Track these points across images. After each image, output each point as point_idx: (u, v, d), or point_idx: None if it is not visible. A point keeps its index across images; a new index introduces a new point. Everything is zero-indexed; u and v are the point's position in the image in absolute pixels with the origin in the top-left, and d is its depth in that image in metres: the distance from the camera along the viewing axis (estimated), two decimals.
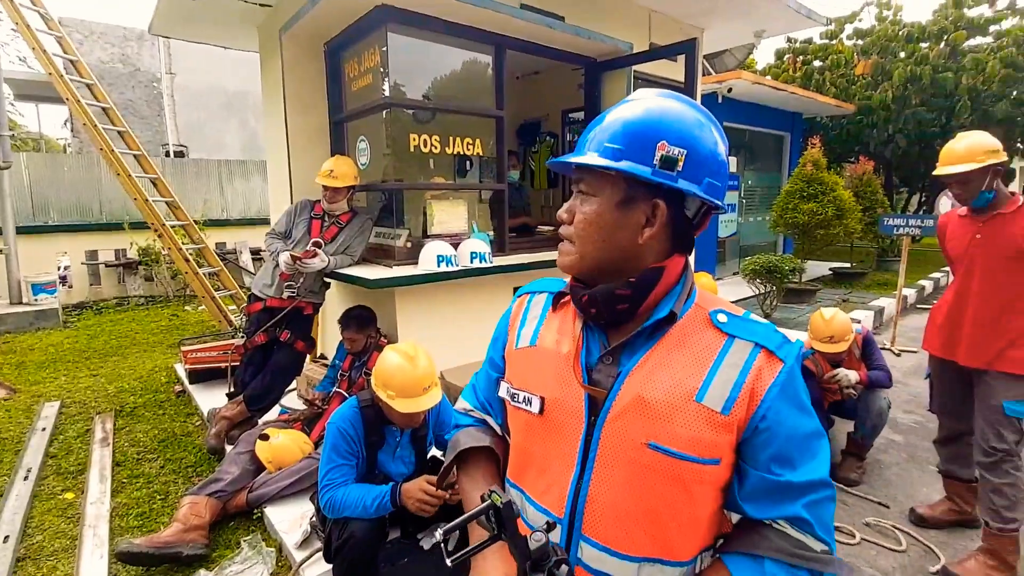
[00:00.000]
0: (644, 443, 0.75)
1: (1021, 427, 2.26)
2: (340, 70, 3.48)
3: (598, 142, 0.78)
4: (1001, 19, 10.41)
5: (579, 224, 0.81)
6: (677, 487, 0.76)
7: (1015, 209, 2.24)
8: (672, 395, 0.75)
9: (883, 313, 6.59)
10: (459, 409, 1.07)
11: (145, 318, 6.65)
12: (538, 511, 0.86)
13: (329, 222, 3.18)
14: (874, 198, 9.05)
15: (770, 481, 0.74)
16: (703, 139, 0.76)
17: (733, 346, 0.76)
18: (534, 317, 0.94)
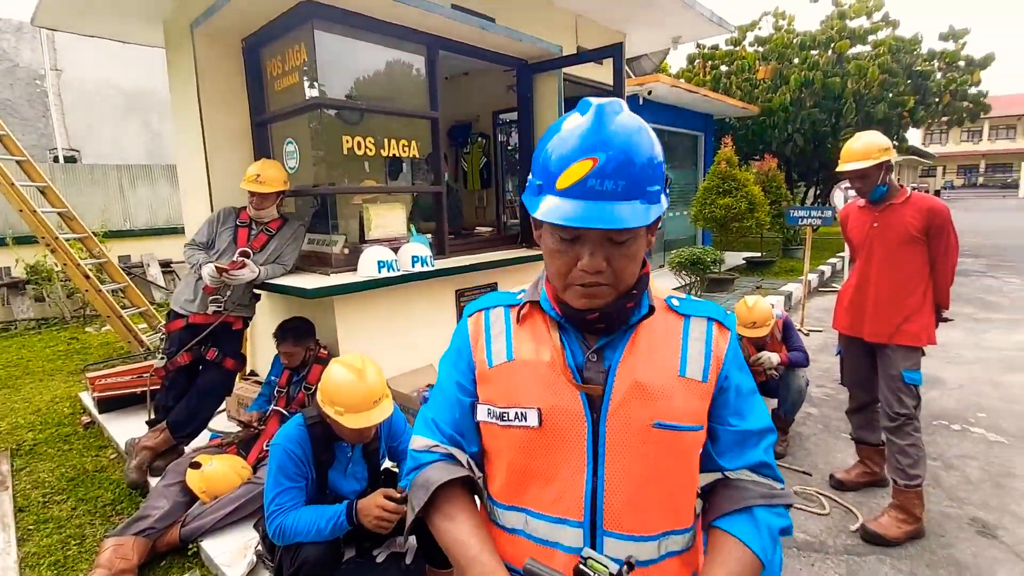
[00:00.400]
0: (650, 424, 0.81)
1: (918, 393, 2.55)
2: (261, 68, 3.28)
3: (627, 189, 0.73)
4: (877, 30, 11.70)
5: (621, 269, 0.79)
6: (681, 458, 0.85)
7: (904, 200, 2.52)
8: (662, 375, 0.83)
9: (792, 297, 7.19)
10: (418, 448, 0.94)
11: (38, 343, 5.93)
12: (551, 523, 0.85)
13: (257, 230, 2.99)
14: (779, 192, 9.85)
15: (734, 432, 0.87)
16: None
17: (691, 323, 0.88)
18: (499, 333, 0.91)
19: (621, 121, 0.75)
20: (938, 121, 12.92)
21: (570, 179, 0.74)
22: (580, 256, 0.78)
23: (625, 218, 0.73)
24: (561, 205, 0.74)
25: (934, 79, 11.74)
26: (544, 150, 0.78)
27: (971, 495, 2.84)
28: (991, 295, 7.63)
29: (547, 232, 0.81)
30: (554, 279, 0.83)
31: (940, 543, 2.47)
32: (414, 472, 0.92)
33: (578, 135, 0.74)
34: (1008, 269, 9.66)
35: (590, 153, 0.73)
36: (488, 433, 0.91)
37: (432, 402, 0.97)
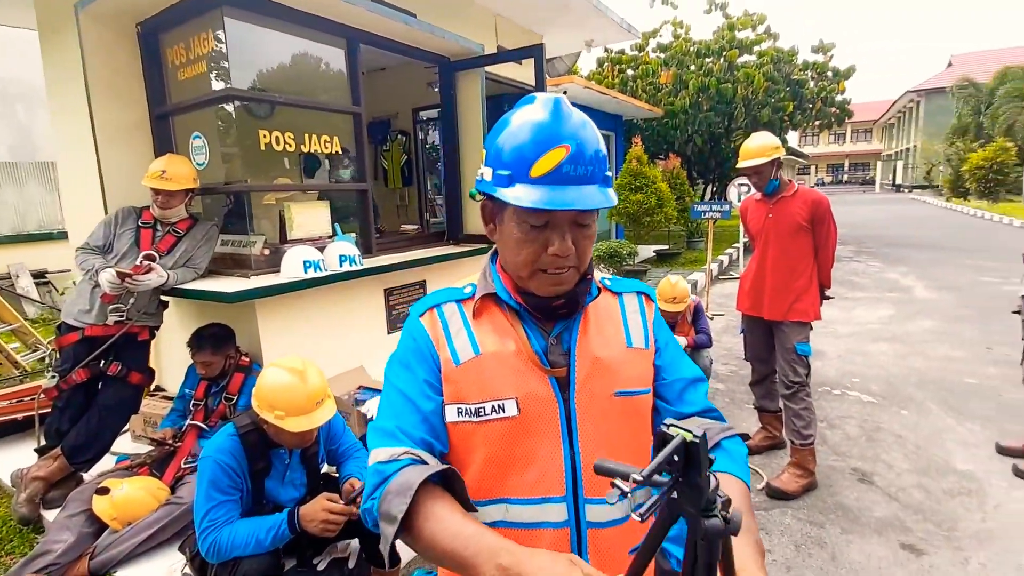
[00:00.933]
0: (611, 393, 0.89)
1: (808, 363, 2.91)
2: (161, 56, 3.01)
3: (594, 173, 0.79)
4: (761, 41, 12.94)
5: (584, 251, 0.84)
6: (639, 419, 0.93)
7: (792, 193, 2.86)
8: (614, 349, 0.91)
9: (697, 285, 7.81)
10: (383, 459, 0.82)
11: None
12: (535, 504, 0.87)
13: (164, 231, 2.75)
14: (683, 189, 10.63)
15: (679, 382, 0.96)
16: None
17: (625, 299, 0.97)
18: (458, 329, 0.90)
19: (576, 113, 0.81)
20: (811, 125, 14.56)
21: (546, 166, 0.77)
22: (550, 242, 0.81)
23: (596, 199, 0.78)
24: (540, 192, 0.77)
25: (808, 87, 13.23)
26: (506, 142, 0.81)
27: (851, 449, 3.29)
28: (857, 277, 8.77)
29: (514, 222, 0.82)
30: (520, 268, 0.85)
31: (829, 492, 2.84)
32: (383, 485, 0.79)
33: (545, 126, 0.78)
34: (870, 254, 11.13)
35: (562, 141, 0.77)
36: (458, 433, 0.88)
37: (389, 411, 0.88)
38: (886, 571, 2.25)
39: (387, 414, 0.88)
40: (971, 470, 3.00)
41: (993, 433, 3.37)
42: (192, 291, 2.68)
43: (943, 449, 3.24)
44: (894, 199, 30.16)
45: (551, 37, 5.18)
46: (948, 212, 20.73)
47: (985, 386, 4.18)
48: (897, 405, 3.90)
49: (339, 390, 2.99)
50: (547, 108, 0.80)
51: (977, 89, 24.72)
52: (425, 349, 0.90)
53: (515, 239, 0.83)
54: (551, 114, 0.79)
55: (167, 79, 3.06)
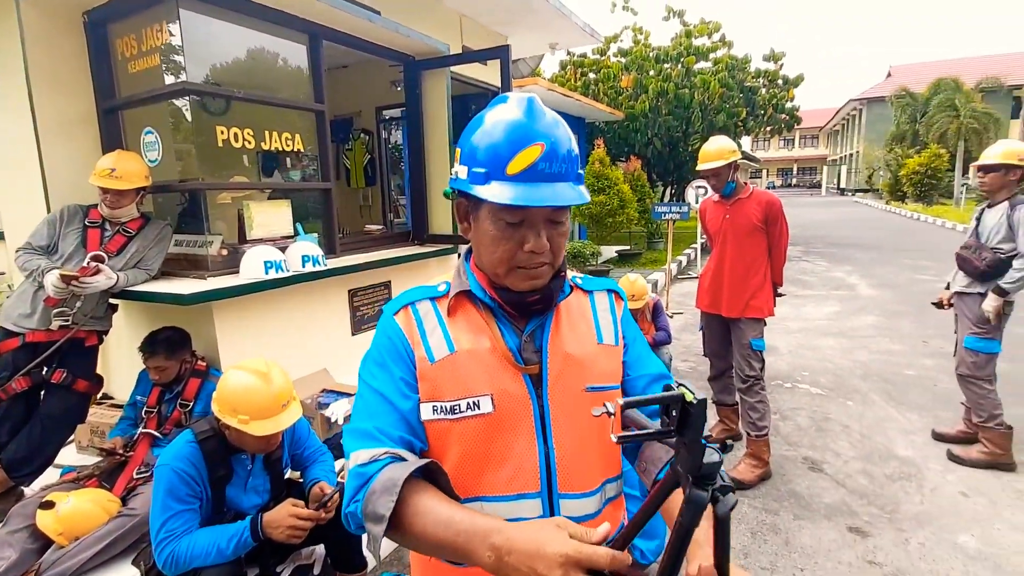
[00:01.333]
0: (583, 389, 0.92)
1: (763, 357, 3.05)
2: (109, 47, 2.87)
3: (567, 171, 0.81)
4: (716, 48, 13.39)
5: (558, 247, 0.86)
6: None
7: (748, 195, 3.00)
8: (585, 345, 0.94)
9: (657, 284, 8.02)
10: (363, 461, 0.82)
11: None
12: (510, 501, 0.88)
13: (113, 231, 2.62)
14: (644, 190, 10.88)
15: (644, 377, 0.98)
16: None
17: (596, 297, 1.00)
18: (433, 327, 0.91)
19: (549, 112, 0.83)
20: (763, 130, 15.18)
21: (522, 164, 0.78)
22: (525, 239, 0.82)
23: (571, 196, 0.80)
24: (516, 189, 0.78)
25: (760, 94, 13.78)
26: (481, 141, 0.82)
27: (802, 439, 3.46)
28: (806, 276, 9.21)
29: (490, 219, 0.84)
30: (496, 265, 0.86)
31: (783, 480, 2.99)
32: (367, 486, 0.79)
33: (520, 124, 0.80)
34: (817, 254, 11.71)
35: (537, 139, 0.79)
36: (434, 430, 0.89)
37: (366, 411, 0.88)
38: (835, 554, 2.39)
39: (364, 415, 0.88)
40: (910, 456, 3.21)
41: (929, 421, 3.62)
42: (145, 293, 2.57)
43: (885, 437, 3.45)
44: (839, 202, 31.79)
45: (516, 39, 5.22)
46: (888, 214, 22.03)
47: (922, 377, 4.48)
48: (844, 396, 4.12)
49: (302, 394, 2.93)
50: (521, 107, 0.81)
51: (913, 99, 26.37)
52: (401, 347, 0.90)
53: (491, 236, 0.85)
54: (525, 113, 0.81)
55: (116, 71, 2.91)
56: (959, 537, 2.46)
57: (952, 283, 3.20)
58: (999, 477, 2.93)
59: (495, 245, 0.85)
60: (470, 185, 0.83)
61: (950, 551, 2.38)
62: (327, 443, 2.47)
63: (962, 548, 2.39)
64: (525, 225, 0.83)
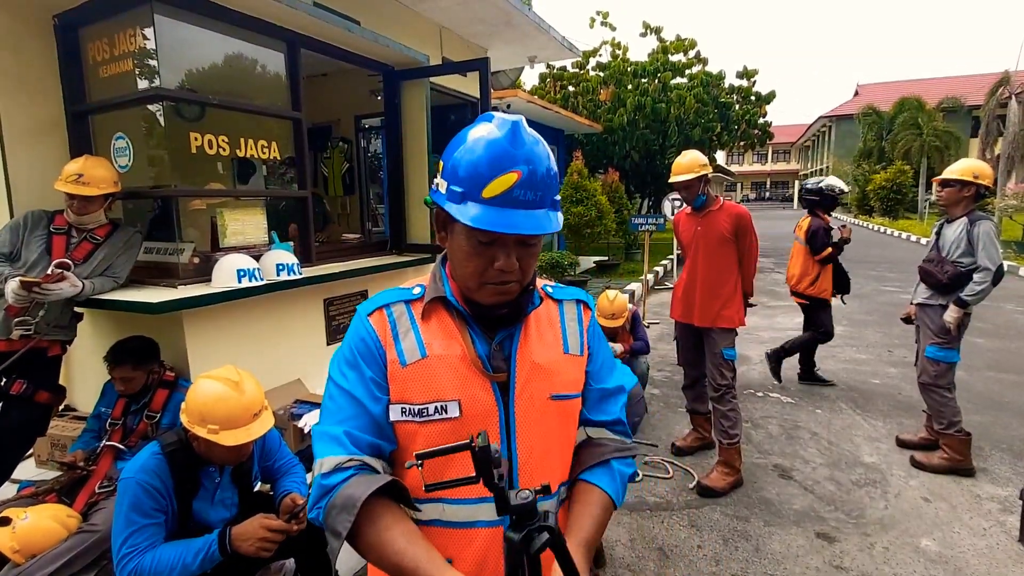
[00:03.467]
0: (547, 397, 0.95)
1: (734, 367, 3.12)
2: (80, 50, 2.81)
3: (543, 198, 0.83)
4: (691, 65, 13.74)
5: (528, 267, 0.88)
6: (570, 420, 1.00)
7: (719, 207, 3.08)
8: (551, 354, 0.96)
9: (634, 295, 8.12)
10: (328, 470, 0.85)
11: None
12: (471, 504, 0.91)
13: (79, 238, 2.55)
14: (622, 202, 11.05)
15: (599, 390, 1.02)
16: None
17: (565, 306, 1.02)
18: (406, 330, 0.92)
19: (531, 137, 0.83)
20: (737, 145, 15.60)
21: (498, 189, 0.80)
22: (495, 258, 0.84)
23: (542, 224, 0.82)
24: (489, 213, 0.80)
25: (734, 109, 14.18)
26: (462, 159, 0.84)
27: (772, 447, 3.53)
28: (777, 287, 9.44)
29: (463, 237, 0.85)
30: (467, 279, 0.88)
31: (754, 488, 3.04)
32: (327, 497, 0.82)
33: (502, 149, 0.81)
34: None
35: (515, 167, 0.80)
36: (400, 431, 0.91)
37: (336, 413, 0.89)
38: (803, 559, 2.44)
39: (333, 417, 0.89)
40: (875, 462, 3.30)
41: (894, 427, 3.74)
42: (112, 302, 2.50)
43: (852, 444, 3.55)
44: None
45: (495, 51, 5.28)
46: (856, 228, 22.74)
47: (887, 385, 4.62)
48: (812, 405, 4.23)
49: (275, 404, 2.88)
50: (504, 130, 0.82)
51: (879, 117, 27.41)
52: (374, 348, 0.91)
53: (464, 252, 0.87)
54: (507, 137, 0.81)
55: (87, 76, 2.86)
56: (921, 541, 2.54)
57: (914, 295, 3.32)
58: (958, 482, 3.04)
59: (467, 261, 0.87)
60: (447, 201, 0.84)
61: (912, 555, 2.45)
62: (299, 455, 2.43)
63: (924, 552, 2.47)
64: (497, 245, 0.84)
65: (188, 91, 2.84)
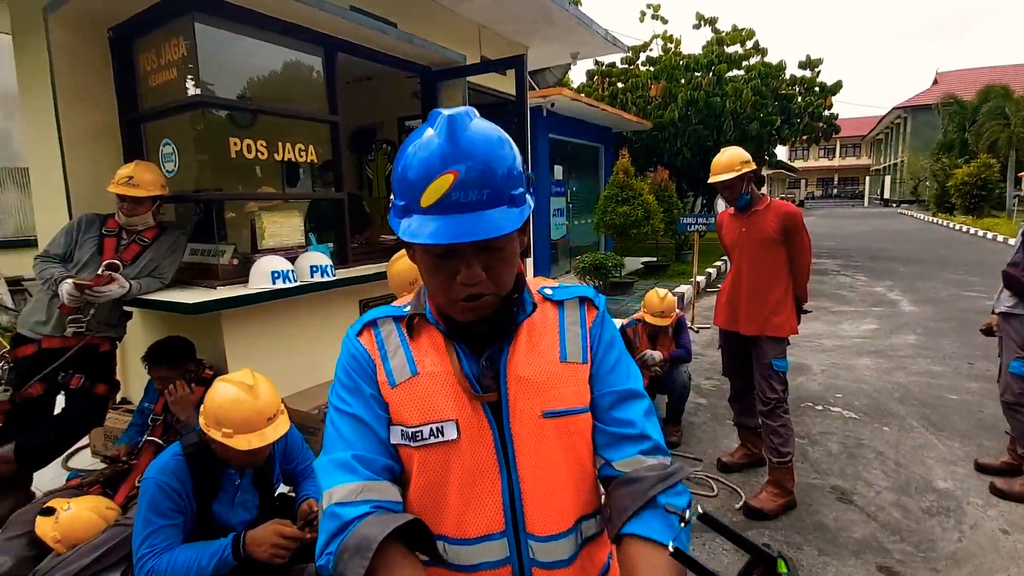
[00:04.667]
0: (539, 415, 0.83)
1: (785, 379, 2.87)
2: (133, 61, 2.96)
3: (491, 197, 0.71)
4: (749, 56, 13.10)
5: (499, 275, 0.77)
6: (577, 440, 0.86)
7: (765, 206, 2.84)
8: (544, 365, 0.85)
9: (683, 298, 7.79)
10: (341, 500, 0.77)
11: None
12: (472, 545, 0.82)
13: (129, 239, 2.67)
14: (671, 201, 10.66)
15: (608, 395, 0.87)
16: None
17: (565, 309, 0.90)
18: (395, 347, 0.86)
19: (475, 129, 0.73)
20: (799, 139, 14.72)
21: (433, 196, 0.71)
22: (457, 270, 0.75)
23: (494, 226, 0.72)
24: (428, 223, 0.71)
25: (796, 102, 13.39)
26: (399, 169, 0.76)
27: (832, 467, 3.24)
28: (844, 291, 8.80)
29: (420, 252, 0.78)
30: (436, 296, 0.80)
31: (808, 511, 2.79)
32: (342, 535, 0.73)
33: (433, 149, 0.71)
34: (857, 268, 11.20)
35: (449, 167, 0.70)
36: (402, 456, 0.84)
37: (340, 440, 0.82)
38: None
39: (339, 444, 0.82)
40: (949, 488, 2.96)
41: (972, 450, 3.34)
42: (154, 301, 2.60)
43: (923, 466, 3.20)
44: (882, 213, 30.55)
45: (536, 49, 5.18)
46: (934, 227, 21.01)
47: (966, 402, 4.16)
48: (879, 421, 3.86)
49: (309, 404, 2.91)
50: (438, 128, 0.72)
51: (961, 106, 25.17)
52: (368, 367, 0.86)
53: (424, 268, 0.79)
54: (440, 134, 0.71)
55: (139, 85, 3.00)
56: None
57: (997, 303, 2.96)
58: None
59: (429, 277, 0.79)
60: (392, 218, 0.77)
61: None
62: None
63: None
64: (455, 256, 0.75)
65: (227, 98, 2.92)
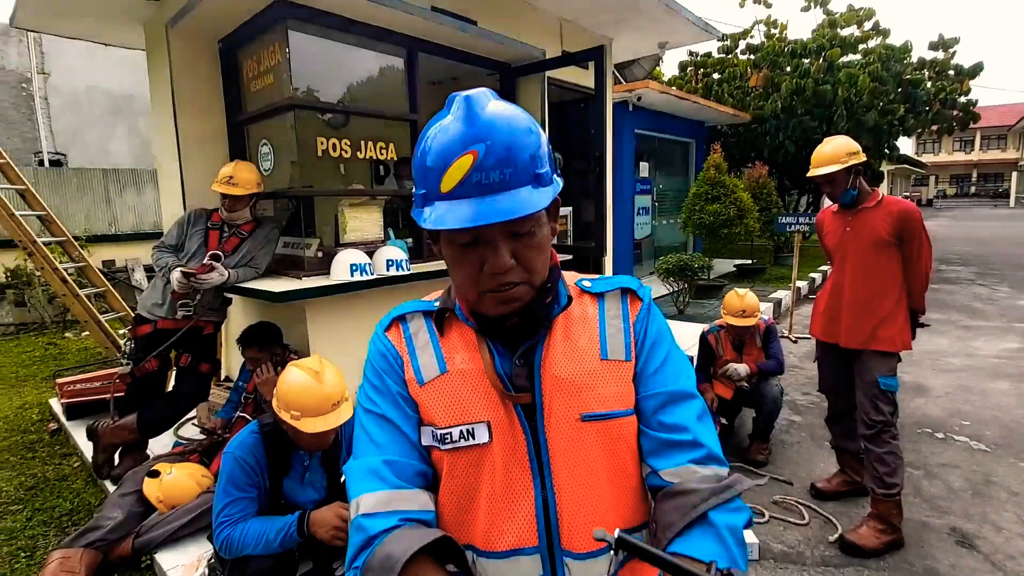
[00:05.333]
0: (577, 418, 0.77)
1: (895, 399, 2.51)
2: (238, 69, 3.24)
3: (513, 176, 0.67)
4: (868, 38, 11.77)
5: (531, 261, 0.73)
6: (623, 448, 0.79)
7: (876, 204, 2.49)
8: (583, 364, 0.78)
9: (781, 304, 7.17)
10: (368, 510, 0.73)
11: (14, 349, 5.83)
12: (501, 559, 0.76)
13: (230, 232, 2.93)
14: (769, 199, 9.87)
15: (656, 397, 0.79)
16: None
17: (606, 302, 0.83)
18: (424, 344, 0.82)
19: (494, 109, 0.69)
20: (928, 130, 12.99)
21: (453, 179, 0.67)
22: (485, 258, 0.71)
23: (519, 206, 0.67)
24: (451, 209, 0.68)
25: (924, 88, 11.81)
26: (418, 156, 0.72)
27: (952, 504, 2.79)
28: (980, 303, 7.62)
29: (445, 242, 0.74)
30: (465, 291, 0.76)
31: (919, 553, 2.42)
32: (368, 550, 0.70)
33: (452, 132, 0.68)
34: (997, 277, 9.67)
35: (469, 147, 0.67)
36: (432, 459, 0.80)
37: (370, 444, 0.78)
38: None
39: (369, 448, 0.79)
40: None
41: None
42: (248, 289, 2.82)
43: None
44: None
45: (621, 40, 4.99)
46: None
47: None
48: (1015, 455, 3.28)
49: None
50: (456, 110, 0.69)
51: None
52: (396, 364, 0.82)
53: (450, 259, 0.75)
54: (458, 116, 0.68)
55: (243, 90, 3.28)
56: None
57: None
58: None
59: (456, 269, 0.75)
60: (414, 209, 0.74)
61: None
62: None
63: None
64: (481, 244, 0.71)
65: (317, 100, 3.10)
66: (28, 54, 8.95)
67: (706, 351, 3.46)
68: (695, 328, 4.69)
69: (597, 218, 3.65)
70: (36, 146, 9.03)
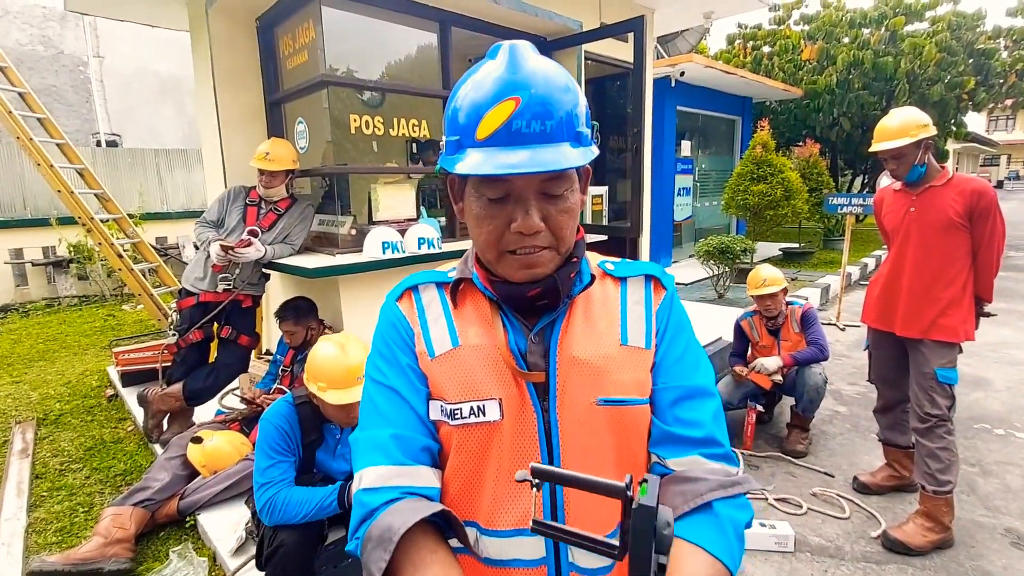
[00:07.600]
0: (593, 402, 0.74)
1: (952, 393, 2.35)
2: (274, 47, 3.27)
3: (555, 130, 0.65)
4: (936, 5, 10.88)
5: (560, 227, 0.70)
6: (630, 434, 0.77)
7: (945, 182, 2.30)
8: (603, 347, 0.76)
9: (829, 290, 6.84)
10: (370, 484, 0.71)
11: (77, 319, 6.22)
12: (504, 537, 0.75)
13: (267, 209, 3.00)
14: (820, 179, 9.36)
15: (671, 390, 0.77)
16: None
17: (629, 286, 0.80)
18: (436, 316, 0.79)
19: (538, 60, 0.67)
20: (1002, 105, 11.99)
21: (492, 125, 0.64)
22: (513, 217, 0.68)
23: (561, 159, 0.64)
24: (488, 156, 0.64)
25: (998, 58, 10.85)
26: (456, 102, 0.69)
27: (1009, 504, 2.62)
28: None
29: (472, 196, 0.71)
30: (486, 250, 0.73)
31: (969, 554, 2.28)
32: (365, 524, 0.68)
33: (494, 78, 0.65)
34: None
35: (511, 93, 0.64)
36: (440, 435, 0.78)
37: (377, 416, 0.76)
38: None
39: (375, 420, 0.77)
40: None
41: None
42: (283, 265, 2.89)
43: None
44: None
45: (664, 11, 4.76)
46: None
47: None
48: None
49: None
50: (500, 58, 0.67)
51: None
52: (406, 335, 0.80)
53: (475, 215, 0.71)
54: (503, 64, 0.66)
55: (279, 68, 3.31)
56: None
57: None
58: None
59: (480, 226, 0.71)
60: (444, 157, 0.71)
61: None
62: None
63: None
64: (512, 200, 0.68)
65: (350, 77, 3.09)
66: (84, 38, 9.34)
67: (741, 338, 3.39)
68: (734, 312, 4.54)
69: (634, 198, 3.54)
70: (93, 127, 9.48)
